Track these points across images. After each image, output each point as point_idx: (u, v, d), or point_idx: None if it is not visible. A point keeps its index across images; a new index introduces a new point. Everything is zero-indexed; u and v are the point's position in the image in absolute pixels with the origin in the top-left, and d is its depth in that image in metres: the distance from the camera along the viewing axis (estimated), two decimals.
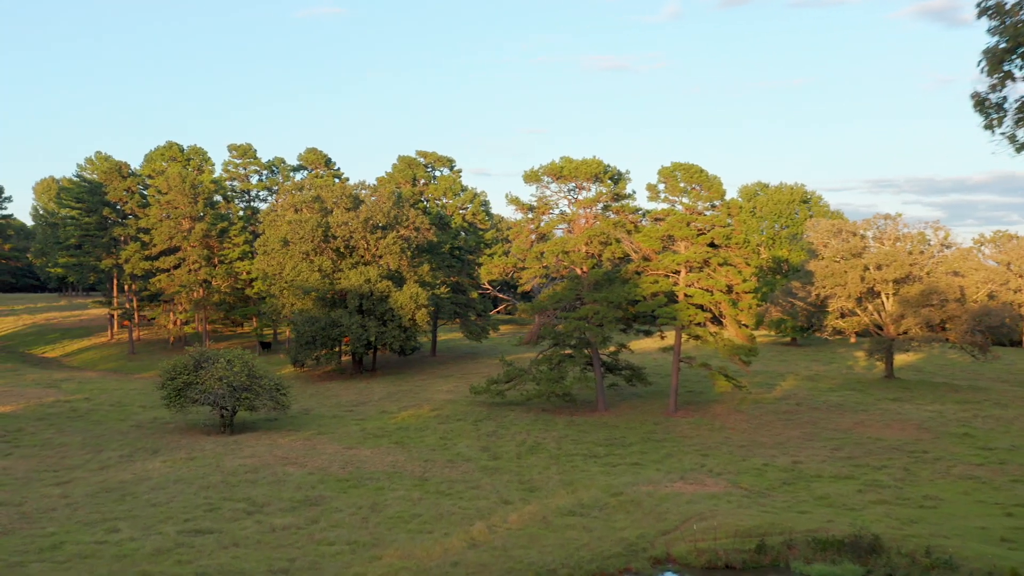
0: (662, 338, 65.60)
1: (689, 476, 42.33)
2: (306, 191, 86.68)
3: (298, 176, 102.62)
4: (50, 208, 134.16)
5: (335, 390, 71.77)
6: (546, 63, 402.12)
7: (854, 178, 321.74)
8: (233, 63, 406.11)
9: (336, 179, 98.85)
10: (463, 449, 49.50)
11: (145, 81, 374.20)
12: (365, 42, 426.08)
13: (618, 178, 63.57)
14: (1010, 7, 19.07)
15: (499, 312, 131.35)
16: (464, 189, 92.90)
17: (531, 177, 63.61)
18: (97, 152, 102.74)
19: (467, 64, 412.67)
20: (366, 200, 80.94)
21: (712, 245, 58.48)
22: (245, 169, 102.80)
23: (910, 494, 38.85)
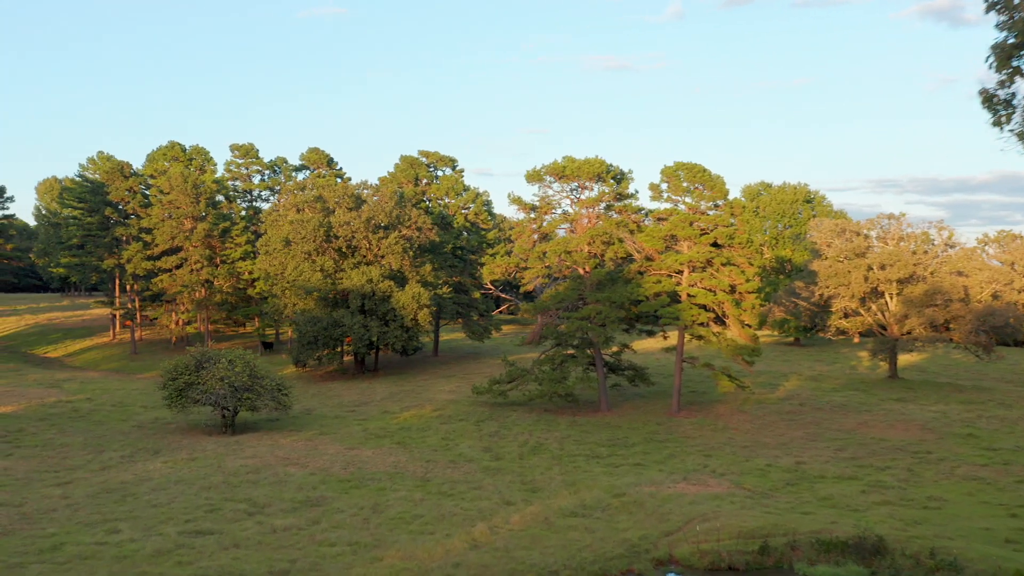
0: (665, 338, 65.41)
1: (692, 477, 42.14)
2: (308, 191, 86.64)
3: (300, 176, 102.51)
4: (52, 208, 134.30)
5: (337, 390, 71.65)
6: (548, 63, 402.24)
7: (857, 178, 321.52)
8: (235, 63, 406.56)
9: (338, 179, 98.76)
10: (465, 449, 49.34)
11: (147, 81, 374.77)
12: (367, 42, 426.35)
13: (620, 178, 63.40)
14: (1019, 2, 18.84)
15: (501, 312, 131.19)
16: (466, 189, 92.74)
17: (533, 177, 63.45)
18: (99, 152, 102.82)
19: (469, 64, 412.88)
20: (368, 200, 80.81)
21: (715, 245, 58.28)
22: (247, 169, 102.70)
23: (914, 495, 38.64)
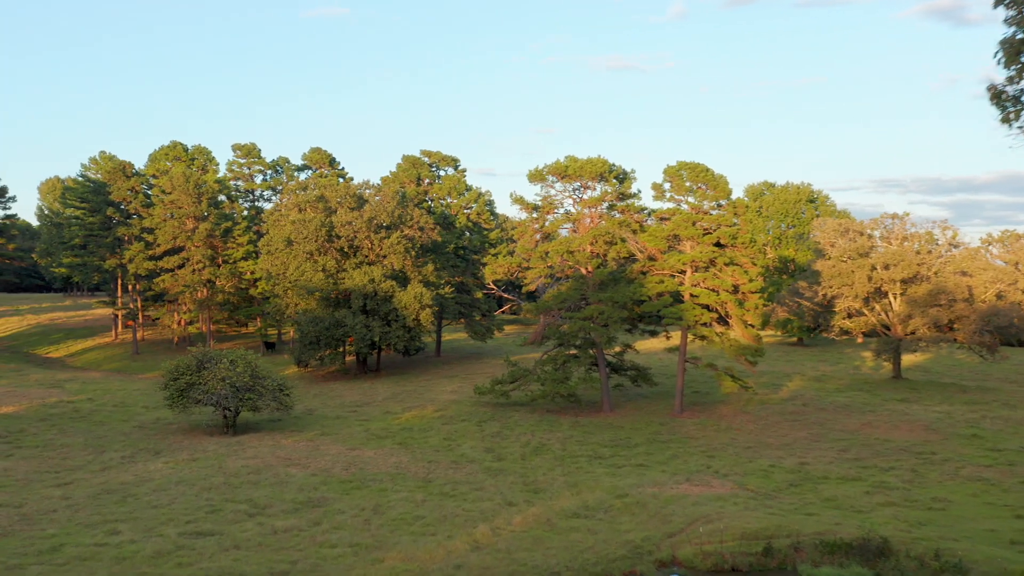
0: (667, 338, 65.23)
1: (695, 477, 41.93)
2: (310, 191, 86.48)
3: (302, 176, 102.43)
4: (55, 208, 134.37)
5: (339, 390, 71.51)
6: (553, 63, 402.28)
7: (860, 178, 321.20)
8: (238, 63, 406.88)
9: (340, 179, 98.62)
10: (467, 450, 49.17)
11: (150, 81, 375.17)
12: (371, 42, 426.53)
13: (623, 177, 63.18)
14: None
15: (504, 312, 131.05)
16: (469, 188, 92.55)
17: (536, 176, 63.26)
18: (101, 152, 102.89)
19: (473, 64, 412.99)
20: (370, 200, 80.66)
21: (718, 245, 58.06)
22: (249, 169, 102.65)
23: (918, 496, 38.41)
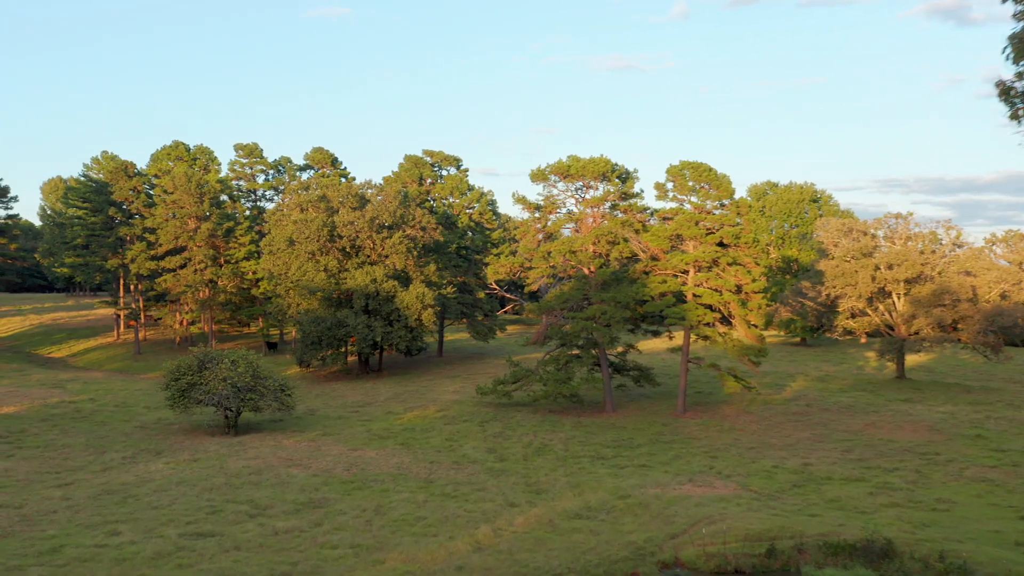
0: (670, 338, 65.05)
1: (698, 478, 41.74)
2: (312, 190, 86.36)
3: (304, 175, 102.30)
4: (57, 208, 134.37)
5: (341, 391, 71.39)
6: (555, 63, 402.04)
7: (863, 177, 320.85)
8: (240, 63, 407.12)
9: (342, 178, 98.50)
10: (469, 450, 49.02)
11: (153, 81, 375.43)
12: (373, 42, 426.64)
13: (626, 177, 62.98)
14: None
15: (506, 312, 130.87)
16: (471, 188, 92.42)
17: (538, 176, 63.07)
18: (103, 152, 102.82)
19: (475, 64, 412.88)
20: (372, 199, 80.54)
21: (721, 244, 57.87)
22: (251, 169, 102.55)
23: (922, 497, 38.19)
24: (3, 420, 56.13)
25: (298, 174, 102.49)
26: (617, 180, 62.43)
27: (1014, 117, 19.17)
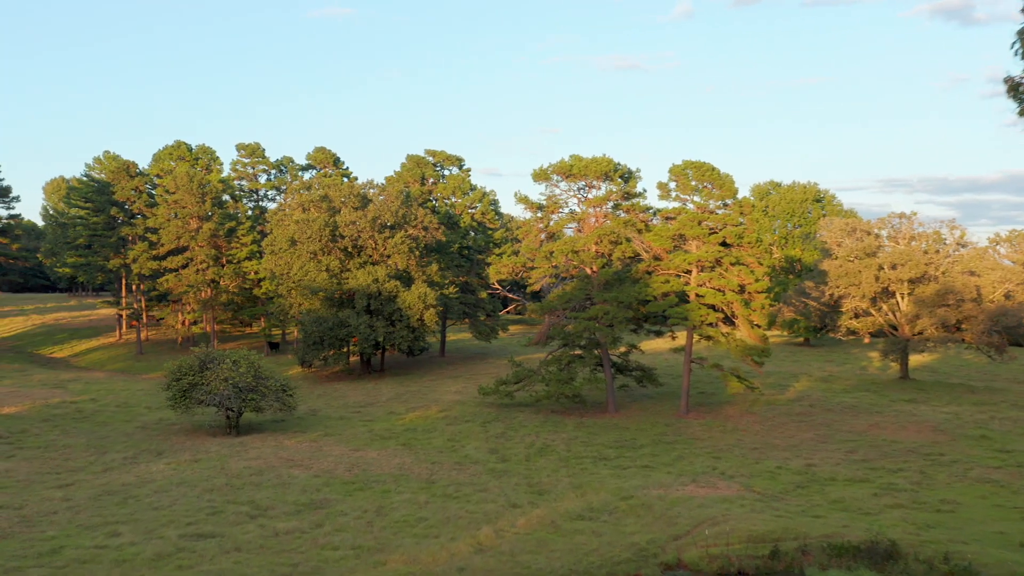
0: (673, 339, 64.81)
1: (701, 479, 41.55)
2: (314, 190, 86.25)
3: (306, 175, 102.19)
4: (60, 208, 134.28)
5: (343, 391, 71.25)
6: (558, 63, 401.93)
7: (866, 177, 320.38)
8: (243, 63, 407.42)
9: (344, 178, 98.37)
10: (471, 451, 48.85)
11: (155, 81, 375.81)
12: (376, 42, 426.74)
13: (628, 176, 62.77)
14: None
15: (508, 312, 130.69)
16: (473, 188, 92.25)
17: (540, 176, 62.89)
18: (105, 151, 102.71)
19: (478, 64, 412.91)
20: (374, 199, 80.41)
21: (724, 244, 57.65)
22: (253, 168, 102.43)
23: (927, 498, 37.96)
24: (4, 420, 56.05)
25: (300, 174, 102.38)
26: (620, 180, 62.23)
27: (1023, 114, 18.92)
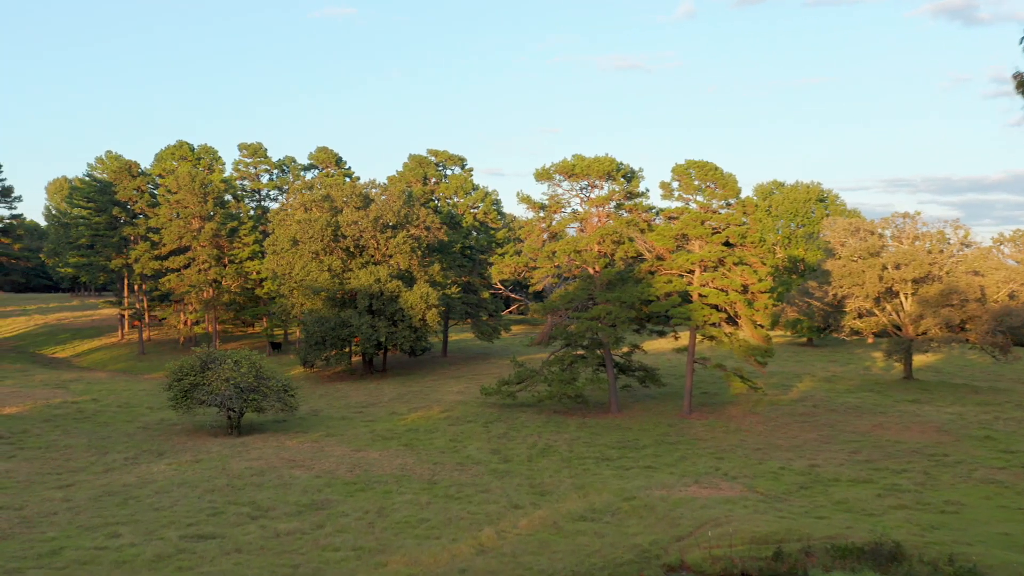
0: (676, 339, 64.61)
1: (704, 480, 41.36)
2: (316, 190, 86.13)
3: (309, 175, 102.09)
4: (62, 208, 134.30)
5: (345, 391, 71.12)
6: (560, 63, 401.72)
7: (869, 177, 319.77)
8: (245, 63, 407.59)
9: (347, 178, 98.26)
10: (473, 451, 48.69)
11: (158, 81, 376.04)
12: (378, 42, 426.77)
13: (631, 176, 62.60)
14: None
15: (511, 312, 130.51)
16: (475, 188, 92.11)
17: (543, 175, 62.72)
18: (107, 151, 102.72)
19: (481, 64, 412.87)
20: (376, 199, 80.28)
21: (727, 244, 57.45)
22: (255, 168, 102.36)
23: (931, 499, 37.76)
24: (5, 421, 55.96)
25: (302, 174, 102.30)
26: (622, 179, 62.05)
27: None
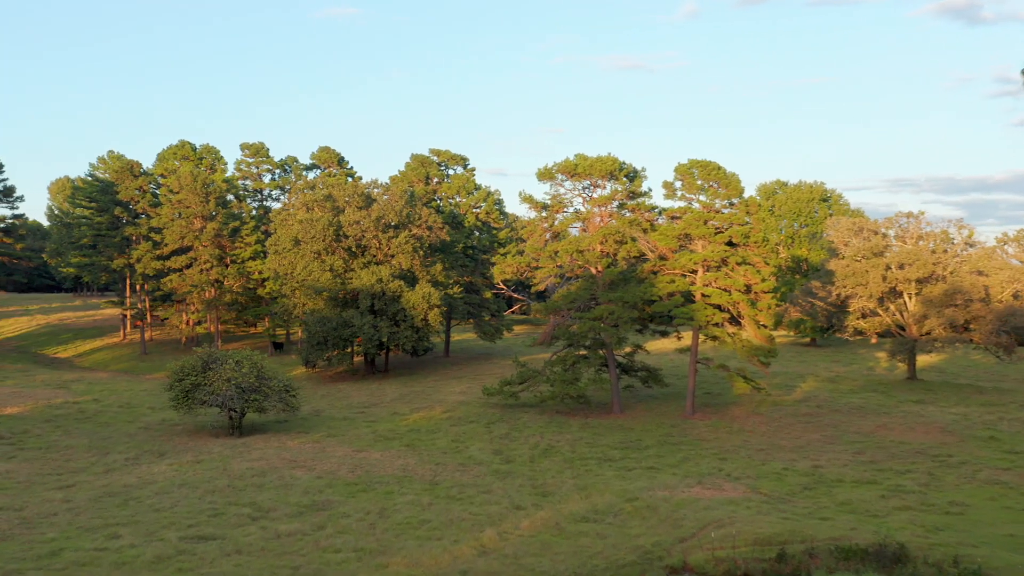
0: (679, 339, 64.42)
1: (706, 481, 41.16)
2: (318, 190, 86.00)
3: (311, 175, 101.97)
4: (64, 208, 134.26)
5: (347, 391, 70.99)
6: (563, 63, 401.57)
7: (873, 177, 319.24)
8: (247, 63, 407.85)
9: (349, 178, 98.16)
10: (475, 452, 48.51)
11: (161, 81, 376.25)
12: (380, 42, 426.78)
13: (633, 176, 62.43)
14: None
15: (513, 312, 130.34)
16: (478, 188, 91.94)
17: (545, 175, 62.57)
18: (109, 151, 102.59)
19: (484, 64, 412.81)
20: (378, 199, 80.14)
21: (730, 244, 57.25)
22: (257, 168, 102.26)
23: (935, 500, 37.55)
24: (6, 421, 55.85)
25: (304, 173, 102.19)
26: (625, 179, 61.87)
27: None
